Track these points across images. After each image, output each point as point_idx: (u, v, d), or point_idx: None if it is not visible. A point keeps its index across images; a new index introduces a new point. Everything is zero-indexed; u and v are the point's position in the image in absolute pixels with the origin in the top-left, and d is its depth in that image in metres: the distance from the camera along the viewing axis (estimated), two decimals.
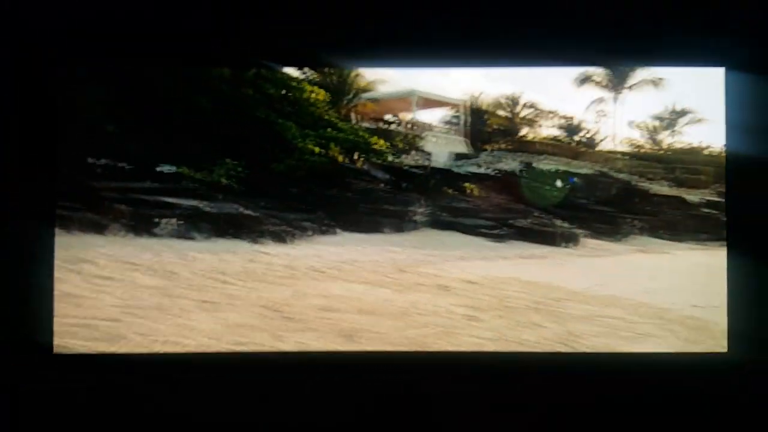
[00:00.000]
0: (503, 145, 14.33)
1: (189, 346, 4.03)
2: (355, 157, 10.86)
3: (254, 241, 7.86)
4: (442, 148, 13.27)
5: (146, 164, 8.10)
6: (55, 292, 5.06)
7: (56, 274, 5.69)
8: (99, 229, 7.16)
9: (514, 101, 16.50)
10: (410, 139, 12.87)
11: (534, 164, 13.31)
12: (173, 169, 8.23)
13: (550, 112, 17.43)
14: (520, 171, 12.68)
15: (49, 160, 2.98)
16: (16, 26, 2.83)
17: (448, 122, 15.33)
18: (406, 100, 13.69)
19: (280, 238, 8.08)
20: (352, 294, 5.82)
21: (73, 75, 3.42)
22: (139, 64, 7.52)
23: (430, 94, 14.01)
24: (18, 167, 2.91)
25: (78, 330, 4.10)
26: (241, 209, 8.21)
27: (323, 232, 8.80)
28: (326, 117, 10.83)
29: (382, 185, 10.75)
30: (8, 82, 2.85)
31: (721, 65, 2.76)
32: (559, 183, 12.64)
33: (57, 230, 7.29)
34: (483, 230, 10.45)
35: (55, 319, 4.46)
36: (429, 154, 12.68)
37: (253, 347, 4.11)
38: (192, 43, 2.98)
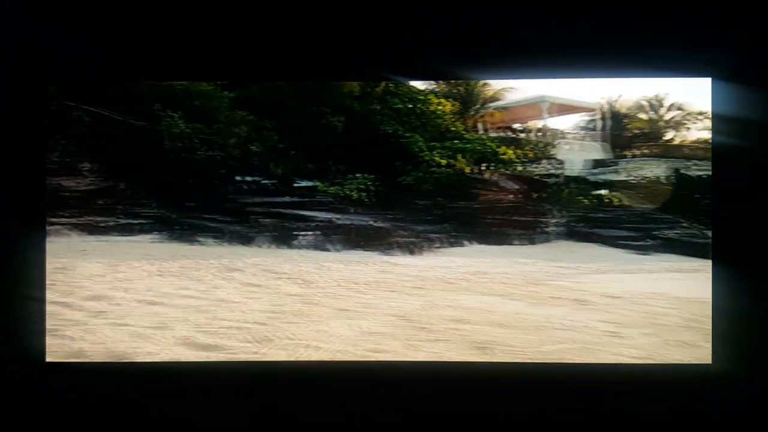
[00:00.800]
0: (646, 150, 13.54)
1: (328, 350, 4.35)
2: (483, 167, 10.89)
3: (384, 252, 8.21)
4: (576, 156, 12.83)
5: (286, 180, 8.84)
6: (212, 297, 5.72)
7: (214, 281, 6.39)
8: (247, 241, 7.94)
9: (657, 103, 15.52)
10: (541, 147, 12.61)
11: (682, 171, 12.43)
12: (310, 184, 8.88)
13: (700, 113, 16.14)
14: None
15: (40, 169, 2.97)
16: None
17: (582, 128, 14.77)
18: (537, 106, 13.42)
19: (409, 249, 8.36)
20: (483, 306, 5.85)
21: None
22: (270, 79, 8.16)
23: (562, 100, 13.62)
24: (7, 178, 2.93)
25: (234, 332, 4.61)
26: (372, 222, 8.62)
27: (451, 244, 8.94)
28: (453, 128, 11.00)
29: (512, 196, 10.65)
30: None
31: (707, 75, 2.92)
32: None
33: (212, 241, 8.10)
34: (624, 242, 9.96)
35: (213, 322, 5.05)
36: (562, 162, 12.33)
37: (387, 355, 4.32)
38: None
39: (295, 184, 8.88)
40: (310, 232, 8.20)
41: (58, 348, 4.12)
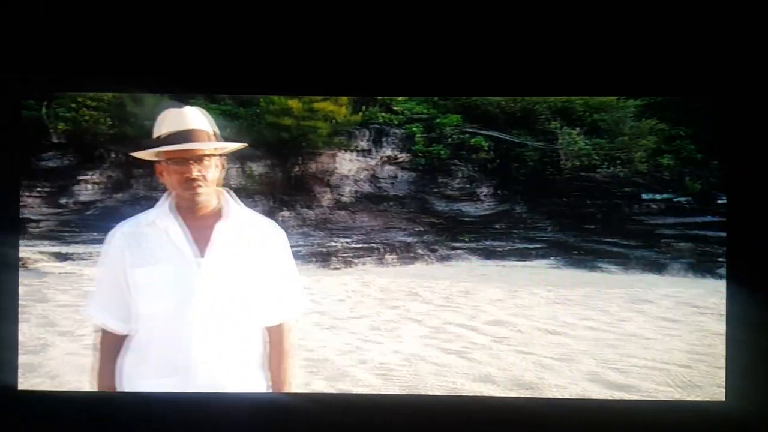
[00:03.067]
0: None
1: None
2: None
3: None
4: None
5: (707, 196, 8.06)
6: (620, 331, 5.57)
7: (621, 312, 6.25)
8: (657, 268, 7.52)
9: None
10: None
11: None
12: None
13: None
14: None
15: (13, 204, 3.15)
16: None
17: None
18: None
19: None
20: None
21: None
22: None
23: None
24: None
25: (650, 373, 4.42)
26: None
27: None
28: None
29: None
30: None
31: (709, 95, 3.17)
32: None
33: (615, 268, 7.95)
34: None
35: (624, 359, 4.90)
36: None
37: None
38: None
39: (720, 201, 7.99)
40: None
41: (469, 370, 4.61)
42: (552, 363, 4.69)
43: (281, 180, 8.52)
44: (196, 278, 2.28)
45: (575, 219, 8.27)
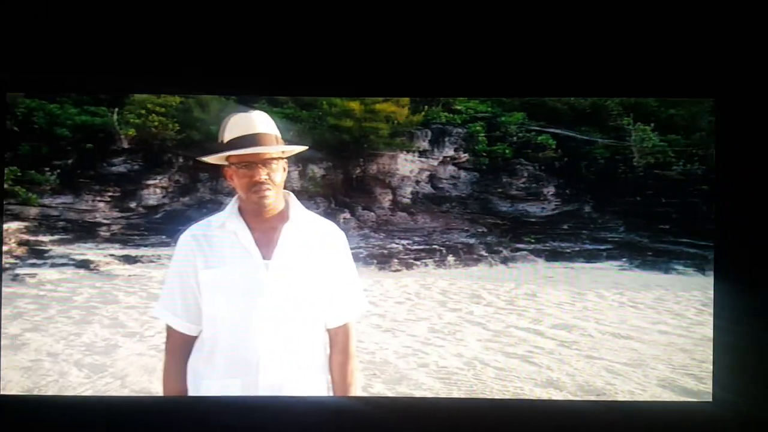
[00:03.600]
0: None
1: None
2: None
3: None
4: None
5: None
6: (696, 336, 5.43)
7: (696, 316, 6.09)
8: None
9: None
10: None
11: None
12: None
13: None
14: None
15: None
16: None
17: None
18: None
19: None
20: None
21: None
22: None
23: None
24: None
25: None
26: None
27: None
28: None
29: None
30: None
31: (711, 96, 3.21)
32: None
33: (692, 270, 7.77)
34: None
35: (701, 364, 4.77)
36: None
37: None
38: None
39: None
40: None
41: (534, 375, 4.60)
42: (622, 368, 4.63)
43: (342, 182, 8.65)
44: (263, 280, 2.36)
45: (648, 219, 8.05)
